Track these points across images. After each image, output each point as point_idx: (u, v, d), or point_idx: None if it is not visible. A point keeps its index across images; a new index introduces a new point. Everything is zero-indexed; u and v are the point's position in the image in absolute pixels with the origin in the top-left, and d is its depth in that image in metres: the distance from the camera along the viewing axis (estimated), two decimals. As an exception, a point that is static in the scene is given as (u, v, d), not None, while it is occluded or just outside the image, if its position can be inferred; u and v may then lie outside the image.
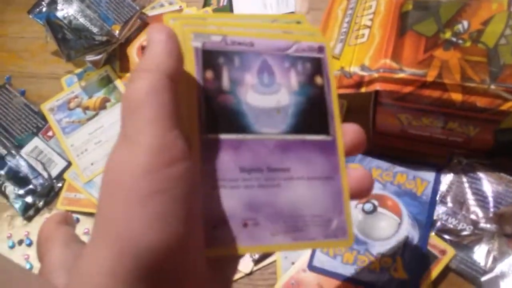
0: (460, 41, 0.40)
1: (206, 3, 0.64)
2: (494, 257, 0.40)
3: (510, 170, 0.43)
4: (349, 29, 0.47)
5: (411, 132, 0.45)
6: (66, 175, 0.54)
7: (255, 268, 0.45)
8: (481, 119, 0.40)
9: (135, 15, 0.62)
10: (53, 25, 0.57)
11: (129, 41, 0.63)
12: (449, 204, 0.43)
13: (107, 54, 0.61)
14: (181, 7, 0.64)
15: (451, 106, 0.39)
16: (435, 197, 0.44)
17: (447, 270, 0.41)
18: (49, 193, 0.54)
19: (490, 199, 0.42)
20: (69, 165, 0.55)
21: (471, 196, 0.43)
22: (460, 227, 0.41)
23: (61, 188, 0.54)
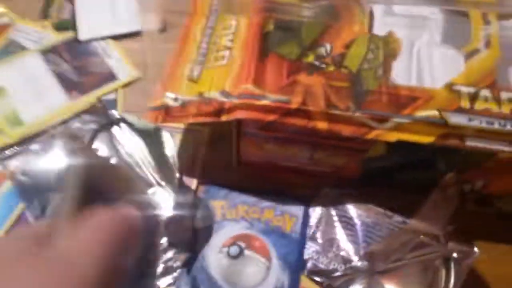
0: (323, 65, 0.38)
1: (44, 16, 0.54)
2: (367, 296, 0.37)
3: (379, 200, 0.41)
4: (208, 50, 0.42)
5: (278, 162, 0.41)
6: None
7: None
8: (348, 148, 0.38)
9: None
10: None
11: None
12: (319, 240, 0.40)
13: None
14: (11, 19, 0.54)
15: (317, 135, 0.36)
16: (305, 234, 0.40)
17: (320, 315, 0.37)
18: None
19: (359, 233, 0.40)
20: None
21: (341, 230, 0.40)
22: (331, 266, 0.38)
23: None
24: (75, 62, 0.51)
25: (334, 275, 0.38)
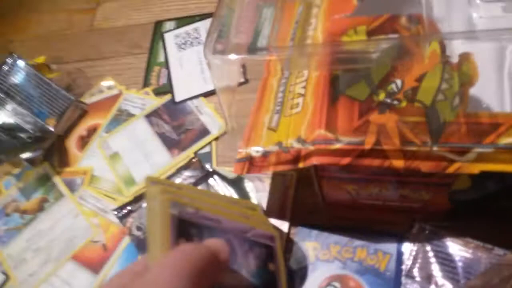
0: (395, 102, 0.37)
1: (145, 84, 0.62)
2: (472, 337, 0.35)
3: (476, 231, 0.38)
4: (284, 98, 0.44)
5: (363, 201, 0.41)
6: (1, 292, 0.49)
7: None
8: (431, 184, 0.36)
9: (71, 105, 0.59)
10: (-19, 130, 0.54)
11: (68, 132, 0.60)
12: (417, 278, 0.39)
13: (44, 150, 0.57)
14: (120, 91, 0.62)
15: (395, 173, 0.36)
16: (400, 271, 0.39)
17: None
18: (-16, 315, 0.48)
19: (459, 269, 0.38)
20: (7, 278, 0.50)
21: (438, 266, 0.38)
22: (429, 306, 0.37)
23: (-4, 308, 0.48)
24: (173, 122, 0.57)
25: (432, 315, 0.36)
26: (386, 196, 0.40)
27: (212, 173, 0.50)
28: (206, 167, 0.51)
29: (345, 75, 0.40)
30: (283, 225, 0.45)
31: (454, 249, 0.39)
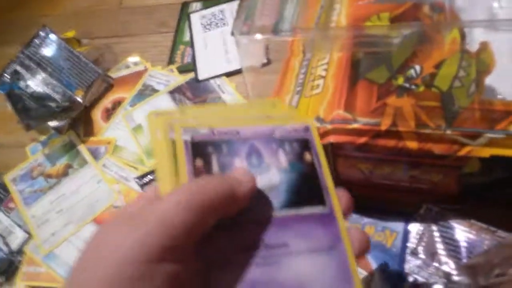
0: (413, 87, 0.39)
1: (170, 61, 0.64)
2: (471, 313, 0.37)
3: (481, 215, 0.40)
4: (305, 80, 0.46)
5: (375, 181, 0.43)
6: (26, 248, 0.52)
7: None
8: (442, 166, 0.38)
9: (98, 78, 0.61)
10: (13, 96, 0.57)
11: (94, 104, 0.62)
12: (421, 255, 0.41)
13: (71, 119, 0.60)
14: (145, 67, 0.64)
15: (408, 154, 0.38)
16: (405, 249, 0.41)
17: (424, 329, 0.38)
18: (9, 268, 0.51)
19: (462, 248, 0.39)
20: (30, 237, 0.53)
21: (443, 245, 0.40)
22: (432, 280, 0.39)
23: (20, 262, 0.51)
24: (196, 99, 0.59)
25: (434, 289, 0.38)
26: (397, 176, 0.42)
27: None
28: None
29: (366, 59, 0.42)
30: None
31: (459, 230, 0.40)
